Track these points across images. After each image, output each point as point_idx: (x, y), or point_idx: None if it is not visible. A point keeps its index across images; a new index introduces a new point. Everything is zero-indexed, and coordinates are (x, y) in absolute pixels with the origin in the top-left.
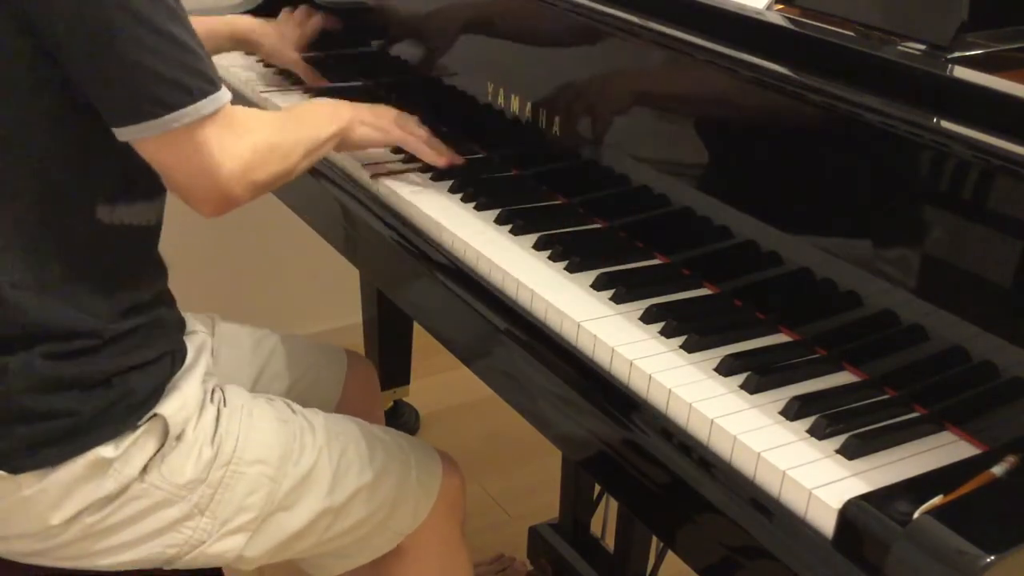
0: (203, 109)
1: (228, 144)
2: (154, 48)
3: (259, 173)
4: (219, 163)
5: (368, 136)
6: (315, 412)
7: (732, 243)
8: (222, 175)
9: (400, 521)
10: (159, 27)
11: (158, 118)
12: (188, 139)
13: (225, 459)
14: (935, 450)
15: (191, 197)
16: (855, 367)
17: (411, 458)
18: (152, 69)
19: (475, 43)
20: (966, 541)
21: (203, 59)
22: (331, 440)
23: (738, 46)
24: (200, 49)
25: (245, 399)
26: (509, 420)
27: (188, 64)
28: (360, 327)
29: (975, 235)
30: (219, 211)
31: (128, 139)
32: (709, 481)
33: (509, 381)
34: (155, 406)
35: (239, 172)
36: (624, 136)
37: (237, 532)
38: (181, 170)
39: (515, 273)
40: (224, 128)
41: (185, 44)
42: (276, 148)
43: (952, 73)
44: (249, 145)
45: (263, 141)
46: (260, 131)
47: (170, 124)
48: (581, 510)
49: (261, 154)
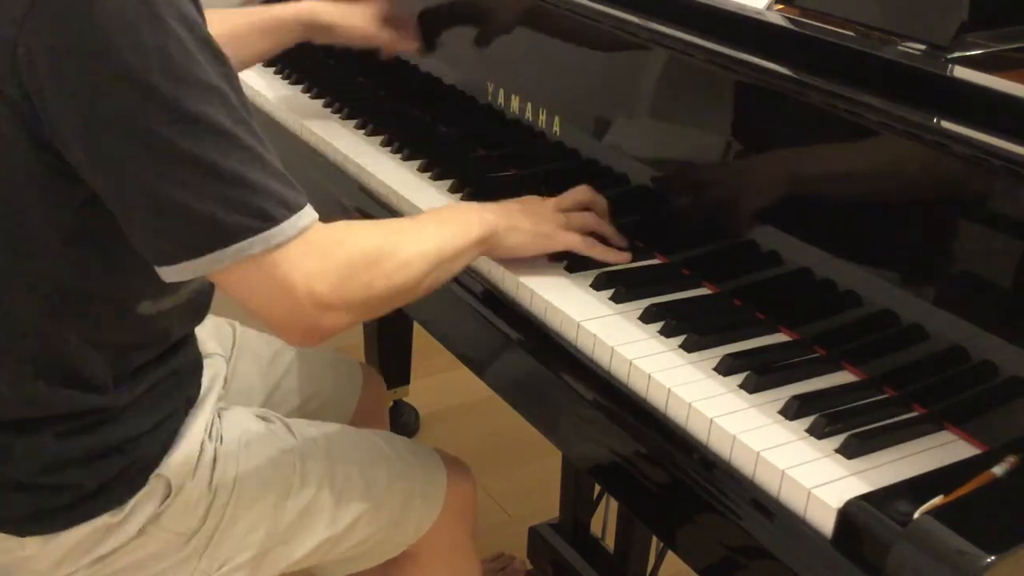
0: (247, 250)
1: (309, 266)
2: (187, 184)
3: (358, 292)
4: (298, 289)
5: (525, 243)
6: (317, 433)
7: (732, 243)
8: (304, 302)
9: (403, 534)
10: (196, 159)
11: (192, 259)
12: (253, 272)
13: (223, 501)
14: (934, 450)
15: (274, 326)
16: (854, 367)
17: (416, 471)
18: (184, 208)
19: (475, 43)
20: (966, 541)
21: (257, 188)
22: (333, 467)
23: (738, 46)
24: (255, 175)
25: (243, 428)
26: (509, 420)
27: (231, 198)
28: (360, 328)
29: (975, 235)
30: (311, 340)
31: (171, 279)
32: (709, 481)
33: (508, 381)
34: (160, 465)
35: (328, 295)
36: (624, 136)
37: (236, 571)
38: (251, 300)
39: (515, 273)
40: (302, 251)
41: (229, 174)
42: (385, 261)
43: (952, 73)
44: (343, 261)
45: (364, 255)
46: (362, 243)
47: (209, 267)
48: (581, 510)
49: (360, 270)
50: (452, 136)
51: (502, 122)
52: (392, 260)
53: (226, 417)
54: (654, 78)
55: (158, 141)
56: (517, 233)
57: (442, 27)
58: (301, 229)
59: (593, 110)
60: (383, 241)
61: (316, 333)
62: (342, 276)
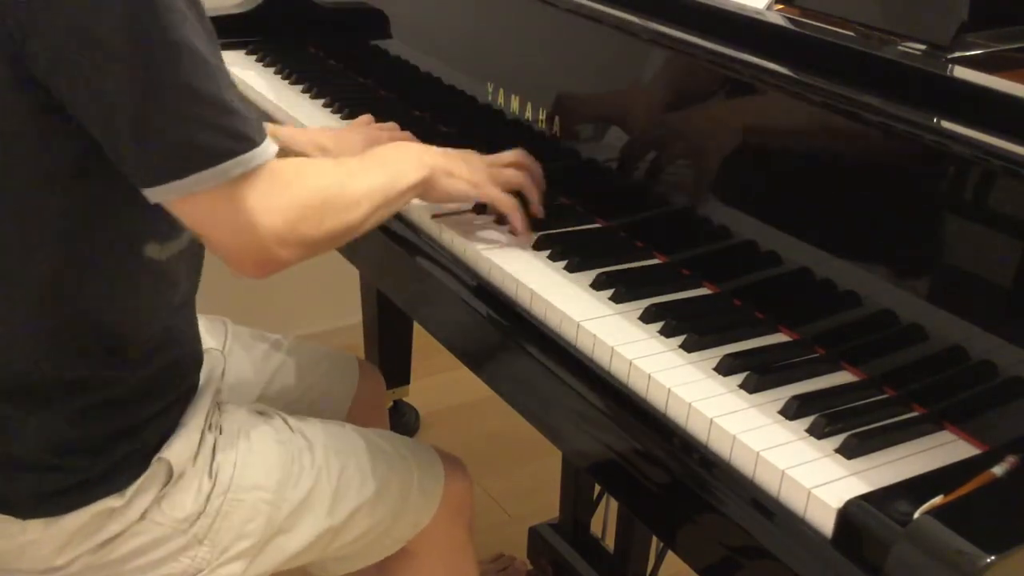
0: (229, 171)
1: (269, 199)
2: (167, 105)
3: (310, 229)
4: (257, 221)
5: (458, 189)
6: (314, 427)
7: (731, 243)
8: (261, 234)
9: (402, 529)
10: (176, 82)
11: (175, 180)
12: (218, 199)
13: (223, 488)
14: (934, 449)
15: (229, 258)
16: (854, 366)
17: (413, 467)
18: (164, 129)
19: (475, 43)
20: (966, 541)
21: (233, 112)
22: (331, 458)
23: (738, 46)
24: (231, 98)
25: (241, 420)
26: (509, 420)
27: (209, 120)
28: (360, 327)
29: (975, 235)
30: (262, 272)
31: (155, 200)
32: (709, 481)
33: (509, 381)
34: (161, 450)
35: (283, 229)
36: (623, 135)
37: (237, 559)
38: (214, 230)
39: (515, 273)
40: (265, 183)
41: (205, 95)
42: (335, 200)
43: (952, 73)
44: (297, 198)
45: (317, 193)
46: (314, 181)
47: (191, 187)
48: (581, 510)
49: (314, 207)
50: (452, 136)
51: (502, 122)
52: (342, 200)
53: (225, 410)
54: (654, 78)
55: (142, 67)
56: (451, 179)
57: (442, 27)
58: (272, 154)
59: (593, 110)
60: (335, 181)
61: (269, 266)
62: (298, 213)
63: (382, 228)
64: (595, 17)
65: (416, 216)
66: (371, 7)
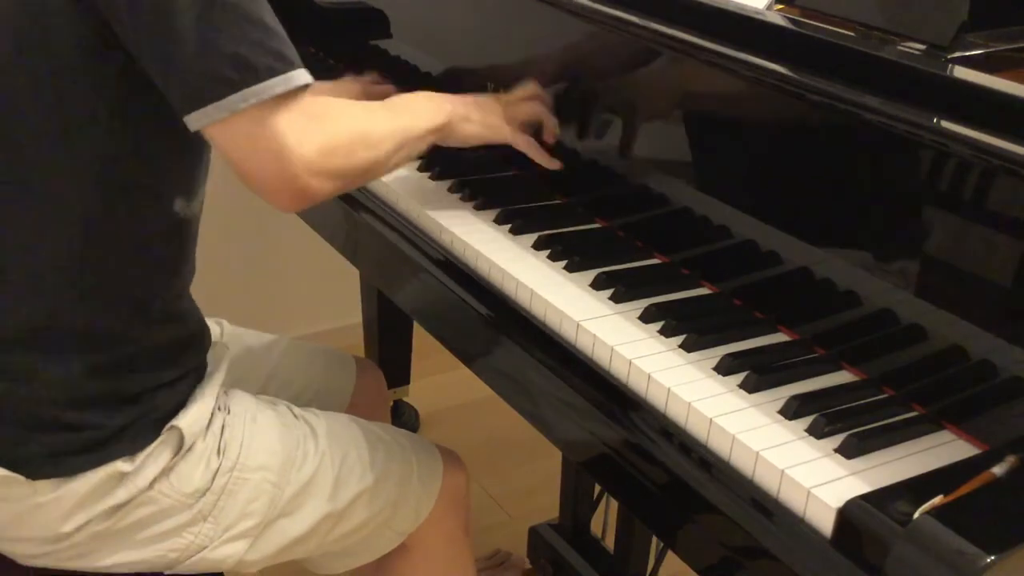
0: (272, 88)
1: (303, 128)
2: (217, 24)
3: (340, 161)
4: (292, 149)
5: (475, 133)
6: (316, 415)
7: (731, 243)
8: (295, 162)
9: (402, 521)
10: (225, 3)
11: (222, 99)
12: (257, 122)
13: (229, 466)
14: (934, 449)
15: (264, 188)
16: (854, 366)
17: (412, 457)
18: (215, 45)
19: (475, 43)
20: (966, 541)
21: (276, 35)
22: (333, 445)
23: (738, 46)
24: (274, 24)
25: (248, 404)
26: (509, 420)
27: (255, 39)
28: (360, 327)
29: (975, 235)
30: (296, 203)
31: (197, 127)
32: (708, 480)
33: (508, 381)
34: (173, 419)
35: (316, 159)
36: (623, 136)
37: (239, 538)
38: (251, 158)
39: (514, 272)
40: (300, 112)
41: (252, 17)
42: (363, 137)
43: (952, 73)
44: (329, 130)
45: (346, 128)
46: (344, 118)
47: (236, 105)
48: (581, 510)
49: (343, 141)
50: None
51: None
52: (371, 136)
53: (233, 393)
54: (654, 78)
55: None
56: (469, 124)
57: (442, 27)
58: (308, 81)
59: (593, 110)
60: (364, 118)
61: (302, 196)
62: (331, 145)
63: (382, 227)
64: (595, 17)
65: (416, 215)
66: (371, 7)
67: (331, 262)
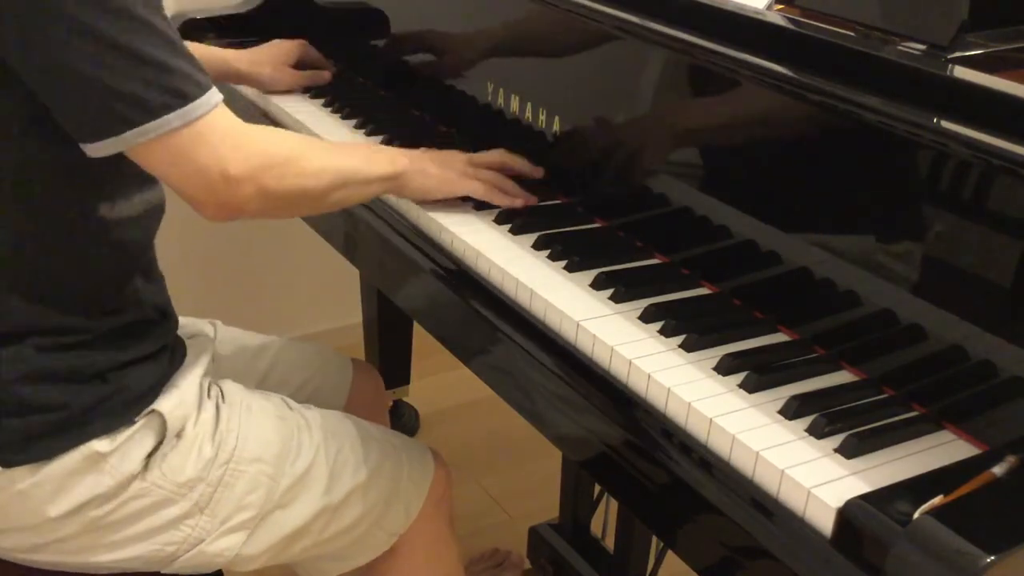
0: (168, 124)
1: (230, 141)
2: (110, 64)
3: (270, 180)
4: (208, 164)
5: (431, 187)
6: (311, 410)
7: (731, 243)
8: (212, 175)
9: (394, 520)
10: (118, 43)
11: (119, 135)
12: (163, 148)
13: (225, 457)
14: (934, 449)
15: (192, 197)
16: (854, 366)
17: (403, 455)
18: (108, 84)
19: (475, 43)
20: (966, 541)
21: (172, 70)
22: (327, 438)
23: (738, 46)
24: (171, 58)
25: (243, 395)
26: (509, 420)
27: (149, 78)
28: (360, 327)
29: (975, 235)
30: (224, 212)
31: (96, 155)
32: (708, 480)
33: (508, 381)
34: (152, 402)
35: (243, 169)
36: (623, 136)
37: (236, 530)
38: (170, 176)
39: (514, 272)
40: (211, 132)
41: (146, 57)
42: (295, 162)
43: (952, 73)
44: (259, 147)
45: (279, 148)
46: (278, 139)
47: (134, 140)
48: (581, 510)
49: (276, 162)
50: (452, 136)
51: (502, 122)
52: (306, 164)
53: (226, 385)
54: (654, 78)
55: (84, 28)
56: (425, 176)
57: (442, 27)
58: (214, 104)
59: (593, 110)
60: (300, 146)
61: (230, 205)
62: (260, 160)
63: (382, 227)
64: (595, 17)
65: (415, 215)
66: (371, 7)
67: (331, 262)
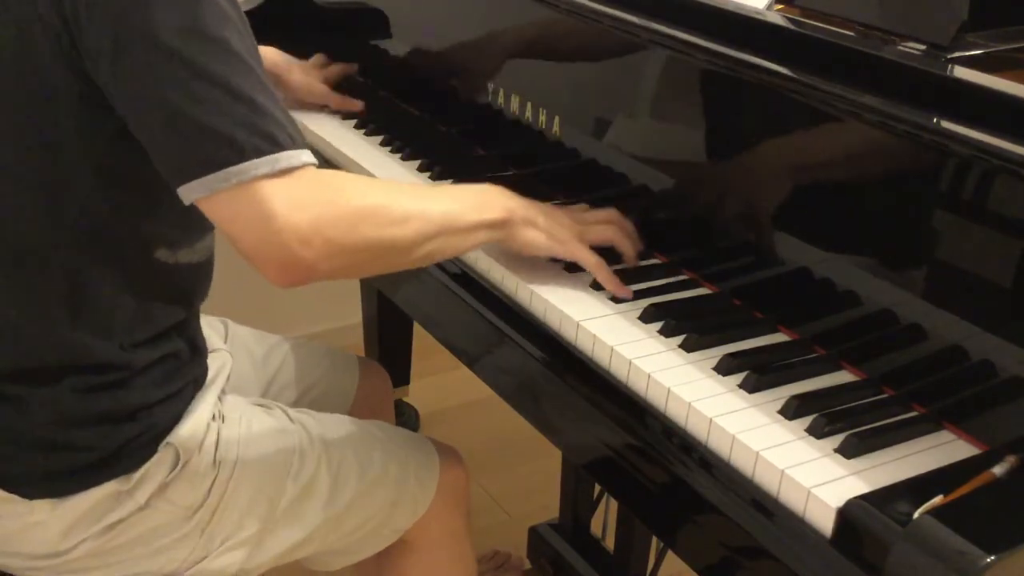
0: (256, 169)
1: (295, 199)
2: (202, 98)
3: (338, 233)
4: (279, 219)
5: (539, 243)
6: (312, 417)
7: (732, 243)
8: (282, 233)
9: (399, 519)
10: (213, 76)
11: (203, 176)
12: (243, 198)
13: (226, 476)
14: (934, 449)
15: (254, 260)
16: (854, 366)
17: (409, 456)
18: (199, 122)
19: (475, 43)
20: (966, 541)
21: (267, 114)
22: (329, 448)
23: (738, 46)
24: (266, 102)
25: (243, 410)
26: (509, 420)
27: (241, 117)
28: (360, 327)
29: (975, 235)
30: (289, 278)
31: (188, 200)
32: (708, 480)
33: (509, 381)
34: (170, 434)
35: (306, 229)
36: (623, 136)
37: (238, 547)
38: (236, 229)
39: (514, 273)
40: (292, 186)
41: (241, 93)
42: (372, 211)
43: (952, 73)
44: (330, 201)
45: (352, 201)
46: (352, 187)
47: (218, 183)
48: (581, 510)
49: (346, 213)
50: (452, 136)
51: (502, 122)
52: (386, 213)
53: (227, 401)
54: (654, 78)
55: (183, 59)
56: (533, 230)
57: (442, 27)
58: (304, 162)
59: (593, 110)
60: (383, 194)
61: (293, 269)
62: (329, 215)
63: None
64: (595, 17)
65: None
66: (371, 7)
67: None
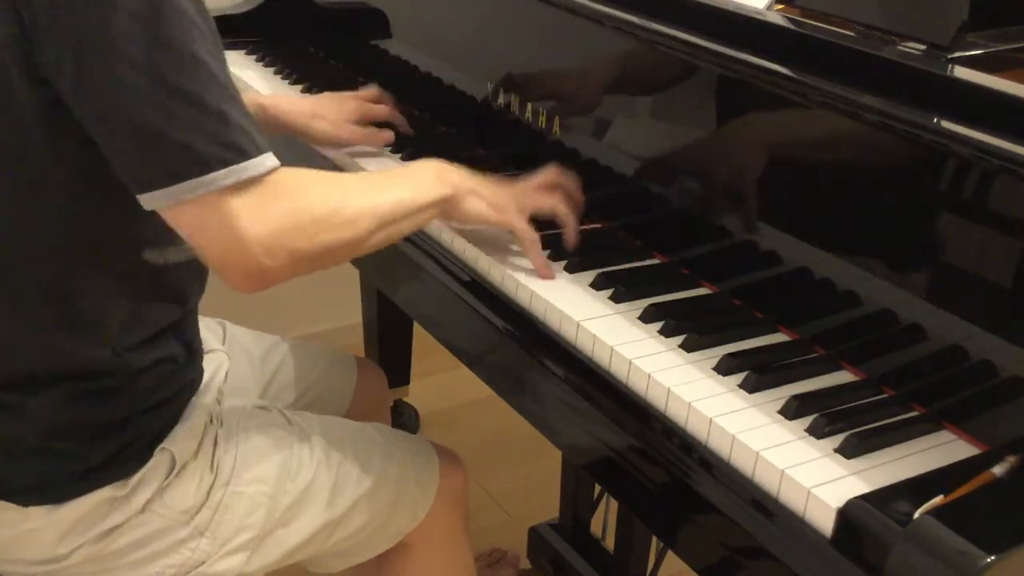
0: (220, 180)
1: (259, 211)
2: (169, 110)
3: (300, 242)
4: (244, 230)
5: (479, 212)
6: (311, 420)
7: (731, 242)
8: (246, 243)
9: (399, 522)
10: (178, 88)
11: (168, 187)
12: (207, 208)
13: (224, 480)
14: (934, 449)
15: (219, 269)
16: (854, 366)
17: (408, 458)
18: (164, 132)
19: (475, 43)
20: (966, 541)
21: (233, 124)
22: (329, 451)
23: (738, 46)
24: (234, 111)
25: (241, 415)
26: (509, 420)
27: (208, 129)
28: (360, 327)
29: (975, 235)
30: (253, 285)
31: (149, 208)
32: (708, 480)
33: (509, 381)
34: (165, 439)
35: (269, 239)
36: (623, 136)
37: (237, 551)
38: (202, 238)
39: (514, 273)
40: (256, 195)
41: (208, 105)
42: (332, 215)
43: (952, 73)
44: (287, 210)
45: (311, 206)
46: (310, 194)
47: (182, 195)
48: (581, 510)
49: (306, 220)
50: (452, 136)
51: (502, 122)
52: (340, 216)
53: (225, 405)
54: (653, 77)
55: (146, 70)
56: (475, 200)
57: (442, 27)
58: (269, 168)
59: (593, 110)
60: (335, 196)
61: (257, 277)
62: (290, 223)
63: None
64: (595, 17)
65: None
66: (371, 7)
67: None
